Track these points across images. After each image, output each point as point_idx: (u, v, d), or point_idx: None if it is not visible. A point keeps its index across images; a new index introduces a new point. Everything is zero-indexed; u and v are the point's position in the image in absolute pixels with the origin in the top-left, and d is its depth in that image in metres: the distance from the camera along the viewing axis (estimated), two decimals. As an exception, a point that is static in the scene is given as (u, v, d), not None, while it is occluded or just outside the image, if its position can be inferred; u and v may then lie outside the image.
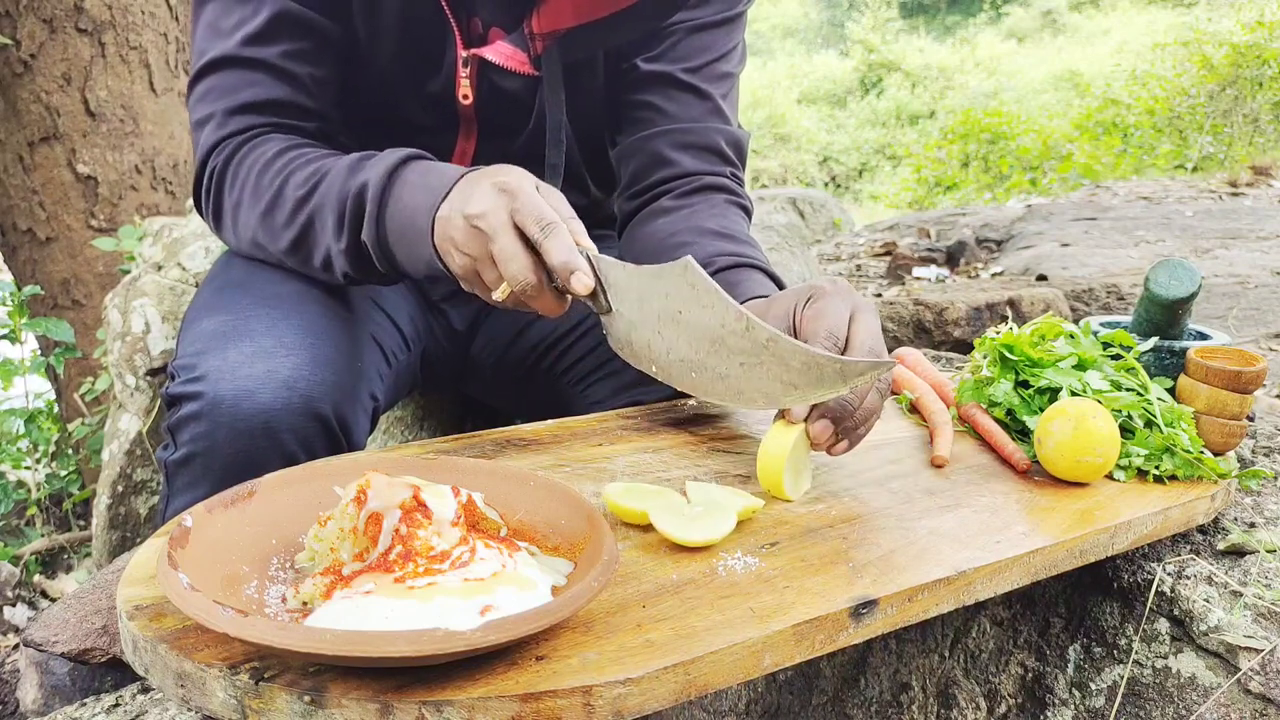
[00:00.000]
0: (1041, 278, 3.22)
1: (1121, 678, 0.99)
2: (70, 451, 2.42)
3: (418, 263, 0.96)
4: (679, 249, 1.13)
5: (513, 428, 1.02)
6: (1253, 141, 9.00)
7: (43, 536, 2.23)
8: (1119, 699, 0.99)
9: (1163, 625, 0.98)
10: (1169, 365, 1.10)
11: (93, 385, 2.08)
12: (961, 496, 0.90)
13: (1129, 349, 1.07)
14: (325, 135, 1.12)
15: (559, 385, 1.30)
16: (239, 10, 1.05)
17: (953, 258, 4.05)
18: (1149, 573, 1.00)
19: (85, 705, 1.09)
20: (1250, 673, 0.89)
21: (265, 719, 0.55)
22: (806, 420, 0.87)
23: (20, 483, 2.36)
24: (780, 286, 1.10)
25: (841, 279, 0.95)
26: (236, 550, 0.67)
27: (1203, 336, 1.15)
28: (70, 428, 2.24)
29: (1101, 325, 1.17)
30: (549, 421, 1.05)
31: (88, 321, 2.47)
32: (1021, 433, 1.05)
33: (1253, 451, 1.23)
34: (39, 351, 2.48)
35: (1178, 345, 1.10)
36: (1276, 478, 1.15)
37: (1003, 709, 1.07)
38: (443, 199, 0.91)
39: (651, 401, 1.15)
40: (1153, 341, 1.09)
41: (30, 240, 2.48)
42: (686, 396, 1.15)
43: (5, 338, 2.15)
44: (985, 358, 1.12)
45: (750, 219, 1.25)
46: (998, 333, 1.12)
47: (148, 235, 2.01)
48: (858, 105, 18.62)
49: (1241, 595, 0.94)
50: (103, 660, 1.21)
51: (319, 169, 1.01)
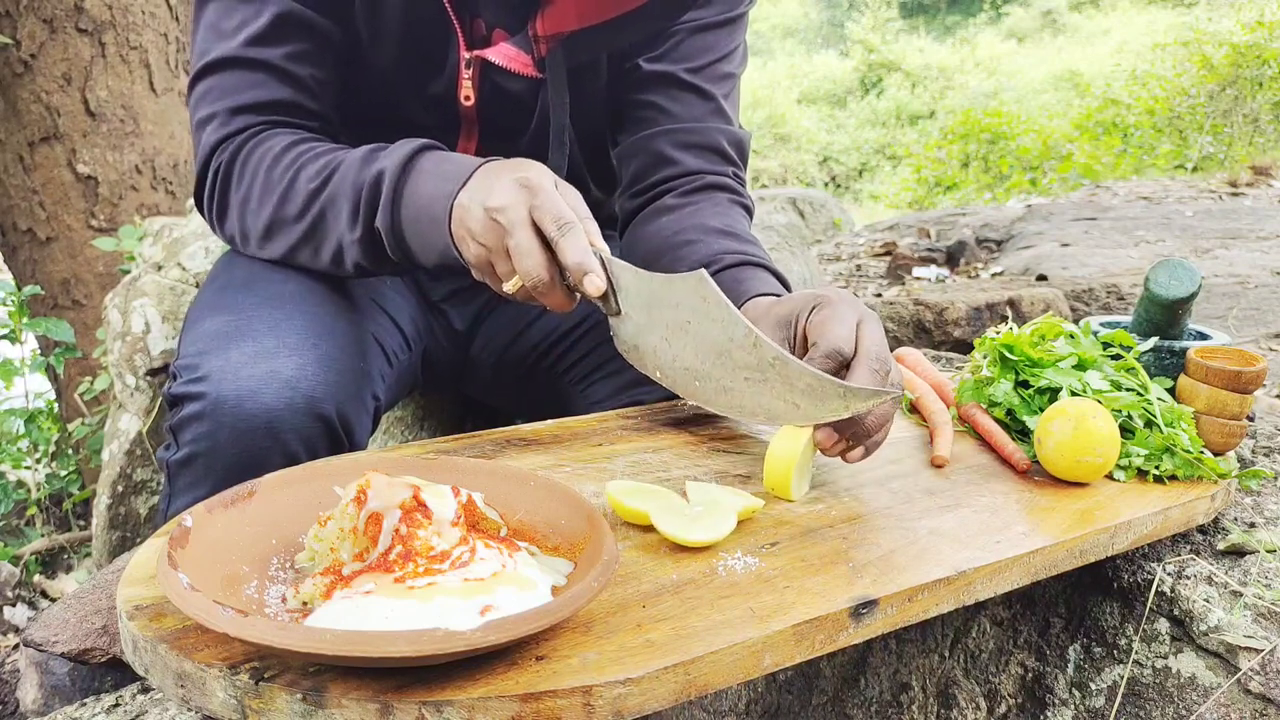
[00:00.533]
0: (1041, 278, 3.22)
1: (1121, 678, 0.99)
2: (70, 451, 2.42)
3: (431, 251, 0.96)
4: (683, 247, 1.13)
5: (513, 428, 1.02)
6: (1253, 141, 9.00)
7: (43, 536, 2.23)
8: (1119, 699, 0.99)
9: (1163, 625, 0.98)
10: (1169, 365, 1.10)
11: (91, 385, 2.08)
12: (961, 496, 0.90)
13: (1129, 349, 1.07)
14: (328, 135, 1.12)
15: (559, 385, 1.30)
16: (241, 11, 1.05)
17: (953, 258, 4.05)
18: (1149, 573, 1.00)
19: (85, 705, 1.09)
20: (1250, 673, 0.89)
21: (265, 719, 0.55)
22: (817, 427, 0.86)
23: (20, 483, 2.36)
24: (785, 284, 1.10)
25: (845, 290, 0.95)
26: (236, 550, 0.67)
27: (1203, 336, 1.15)
28: (70, 428, 2.24)
29: (1101, 325, 1.17)
30: (549, 421, 1.05)
31: (88, 321, 2.47)
32: (1021, 433, 1.05)
33: (1253, 451, 1.23)
34: (39, 351, 2.48)
35: (1178, 345, 1.10)
36: (1276, 478, 1.15)
37: (1003, 709, 1.07)
38: (461, 187, 0.92)
39: (652, 401, 1.15)
40: (1153, 341, 1.09)
41: (30, 240, 2.48)
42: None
43: (5, 338, 2.15)
44: (985, 358, 1.12)
45: (752, 218, 1.25)
46: (998, 333, 1.12)
47: (148, 235, 2.01)
48: (858, 105, 18.62)
49: (1241, 595, 0.94)
50: (103, 660, 1.21)
51: (331, 161, 1.01)
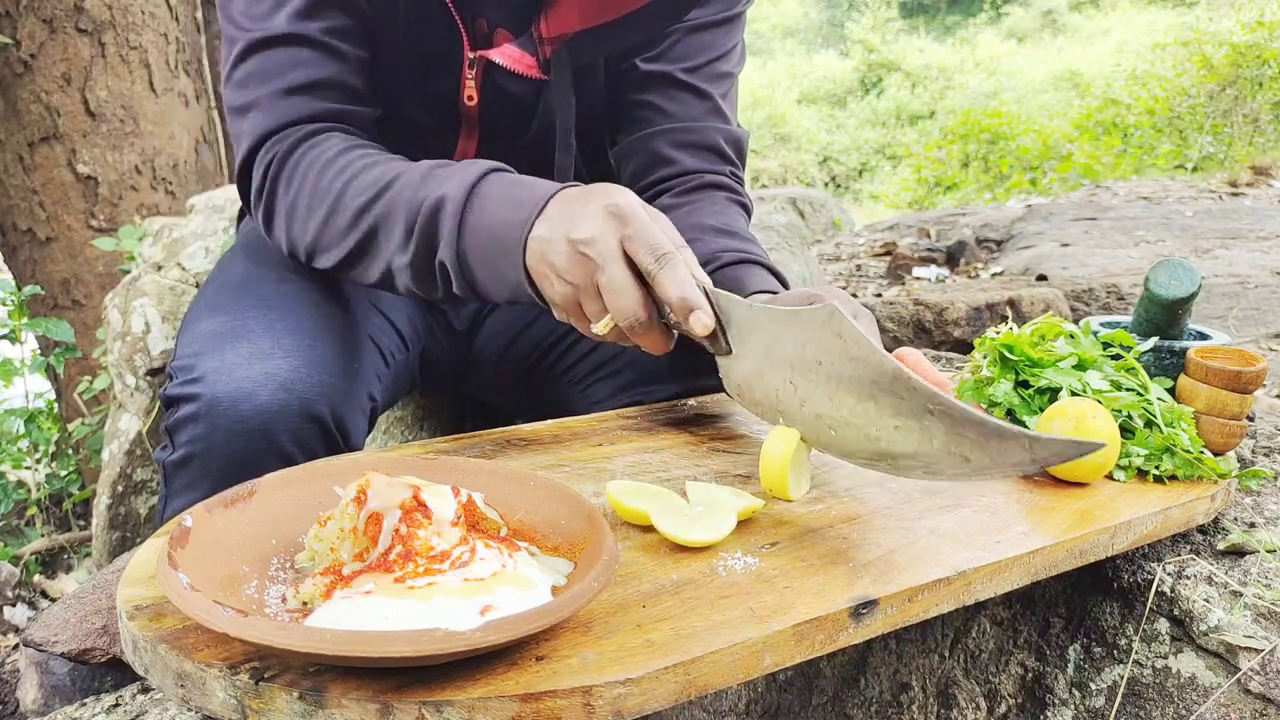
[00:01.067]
0: (1041, 278, 3.22)
1: (1121, 678, 0.99)
2: (70, 451, 2.42)
3: (502, 286, 0.89)
4: None
5: (513, 428, 1.02)
6: (1253, 141, 9.01)
7: (43, 536, 2.23)
8: (1119, 699, 0.99)
9: (1163, 625, 0.98)
10: (1169, 365, 1.10)
11: (91, 385, 2.08)
12: (961, 496, 0.90)
13: (1129, 349, 1.07)
14: (374, 122, 1.09)
15: (559, 385, 1.30)
16: None
17: (953, 258, 4.05)
18: (1149, 573, 1.00)
19: (85, 705, 1.09)
20: (1250, 673, 0.89)
21: (265, 719, 0.55)
22: None
23: (20, 483, 2.36)
24: (783, 282, 1.10)
25: (837, 287, 0.94)
26: (236, 550, 0.67)
27: (1203, 336, 1.15)
28: (70, 428, 2.24)
29: (1101, 325, 1.17)
30: (549, 421, 1.05)
31: (88, 321, 2.47)
32: (1021, 433, 1.05)
33: (1253, 451, 1.23)
34: (39, 351, 2.48)
35: (1178, 345, 1.10)
36: (1276, 478, 1.15)
37: (1003, 709, 1.07)
38: (537, 215, 0.84)
39: (651, 401, 1.15)
40: (1153, 341, 1.09)
41: (30, 240, 2.48)
42: (687, 396, 1.15)
43: (5, 338, 2.15)
44: (985, 358, 1.12)
45: (750, 218, 1.25)
46: (998, 333, 1.12)
47: (148, 235, 2.02)
48: (858, 105, 18.62)
49: (1241, 595, 0.94)
50: (103, 660, 1.21)
51: (385, 174, 0.95)
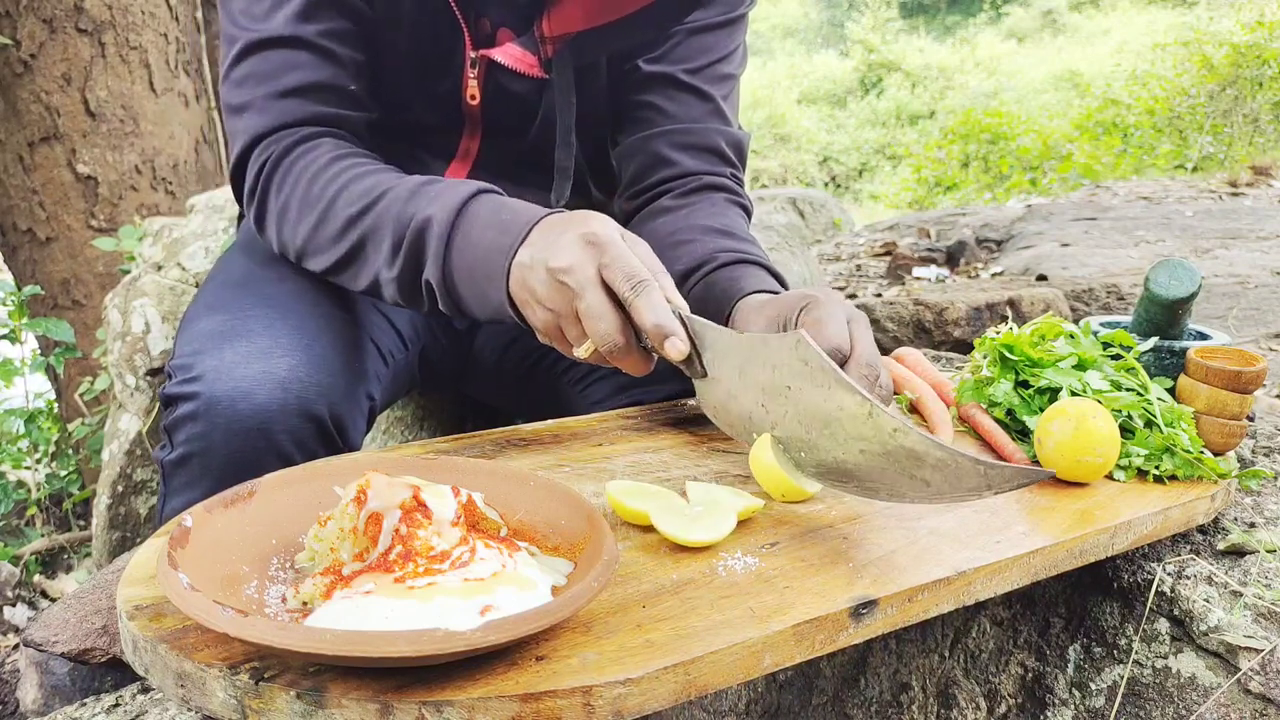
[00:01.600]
0: (1041, 278, 3.22)
1: (1121, 678, 0.99)
2: (70, 451, 2.42)
3: (486, 307, 0.91)
4: (679, 246, 1.13)
5: (513, 428, 1.02)
6: (1253, 141, 9.00)
7: (43, 536, 2.23)
8: (1119, 699, 0.99)
9: (1163, 625, 0.98)
10: (1169, 365, 1.10)
11: (91, 385, 2.08)
12: (961, 496, 0.90)
13: (1129, 349, 1.07)
14: (368, 126, 1.10)
15: (559, 385, 1.30)
16: None
17: (953, 258, 4.05)
18: (1149, 573, 1.00)
19: (85, 705, 1.09)
20: (1250, 673, 0.89)
21: (265, 719, 0.55)
22: None
23: (20, 483, 2.36)
24: (781, 282, 1.10)
25: (833, 289, 0.94)
26: (236, 550, 0.67)
27: (1203, 336, 1.15)
28: (70, 428, 2.24)
29: (1101, 325, 1.17)
30: (549, 421, 1.05)
31: (88, 321, 2.47)
32: (1021, 433, 1.05)
33: (1253, 451, 1.23)
34: (39, 351, 2.48)
35: (1178, 345, 1.10)
36: (1276, 478, 1.15)
37: (1003, 709, 1.07)
38: (520, 242, 0.86)
39: (651, 401, 1.15)
40: (1153, 341, 1.09)
41: (30, 240, 2.48)
42: (687, 396, 1.15)
43: (5, 338, 2.15)
44: (985, 358, 1.12)
45: (750, 219, 1.25)
46: (998, 333, 1.12)
47: (148, 235, 2.02)
48: (858, 105, 18.62)
49: (1241, 595, 0.94)
50: (103, 660, 1.21)
51: (374, 186, 0.97)
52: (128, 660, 0.61)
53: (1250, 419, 1.08)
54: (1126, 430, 0.99)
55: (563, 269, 0.82)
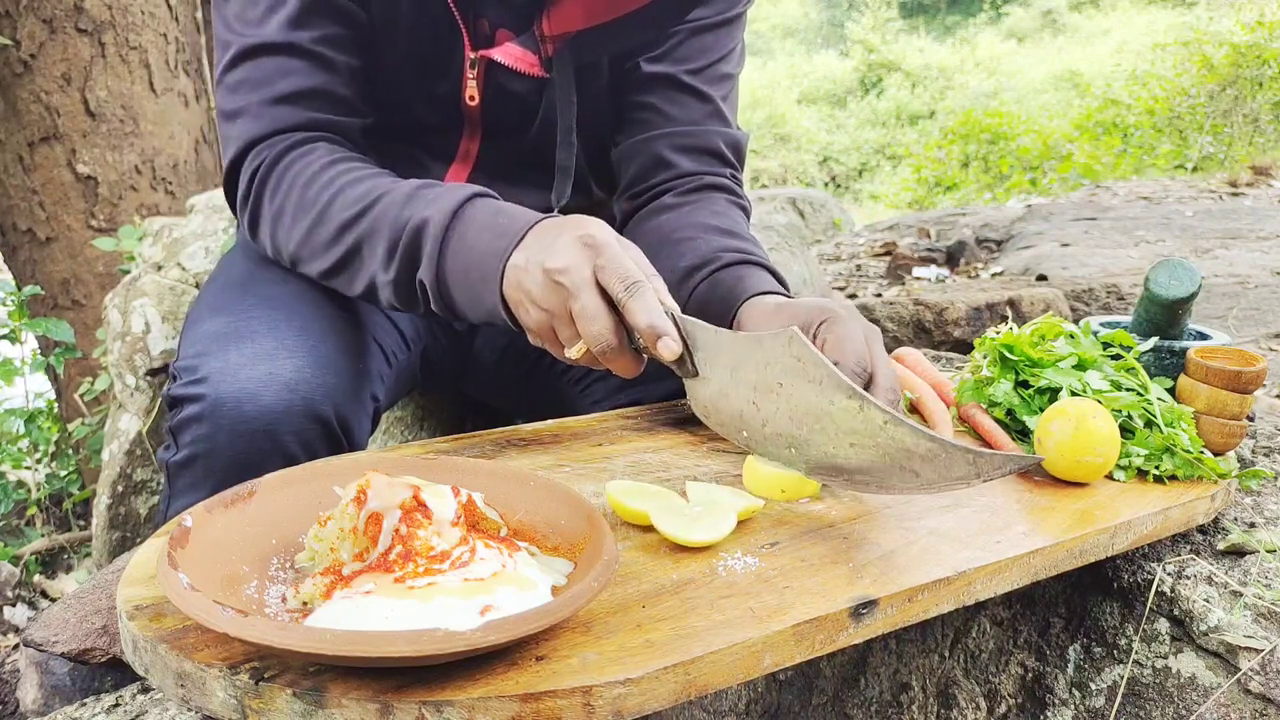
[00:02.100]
0: (1041, 278, 3.22)
1: (1121, 678, 0.99)
2: (70, 451, 2.42)
3: (478, 309, 0.92)
4: (681, 244, 1.13)
5: (513, 428, 1.02)
6: (1253, 141, 9.00)
7: (43, 536, 2.23)
8: (1119, 699, 0.99)
9: (1163, 625, 0.98)
10: (1169, 365, 1.10)
11: (92, 385, 2.08)
12: (961, 496, 0.90)
13: (1129, 349, 1.07)
14: (362, 131, 1.10)
15: (559, 385, 1.30)
16: None
17: (953, 258, 4.05)
18: (1149, 573, 1.00)
19: (85, 705, 1.08)
20: (1250, 673, 0.89)
21: (265, 719, 0.55)
22: None
23: (20, 483, 2.36)
24: (783, 283, 1.10)
25: (847, 301, 0.94)
26: (236, 550, 0.67)
27: (1203, 336, 1.15)
28: (70, 428, 2.24)
29: (1101, 325, 1.17)
30: (549, 421, 1.05)
31: (88, 321, 2.47)
32: (1021, 433, 1.05)
33: (1253, 451, 1.23)
34: (39, 351, 2.48)
35: (1178, 345, 1.10)
36: (1276, 478, 1.15)
37: (1003, 709, 1.07)
38: (515, 245, 0.87)
39: (651, 400, 1.15)
40: (1153, 341, 1.09)
41: (30, 240, 2.48)
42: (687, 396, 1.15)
43: (5, 338, 2.15)
44: (985, 358, 1.12)
45: (749, 219, 1.25)
46: (998, 333, 1.12)
47: (148, 235, 2.02)
48: (858, 105, 18.62)
49: (1241, 595, 0.94)
50: (103, 660, 1.21)
51: (370, 191, 0.97)
52: (128, 660, 0.61)
53: (1250, 419, 1.08)
54: (1126, 430, 0.99)
55: (559, 269, 0.83)
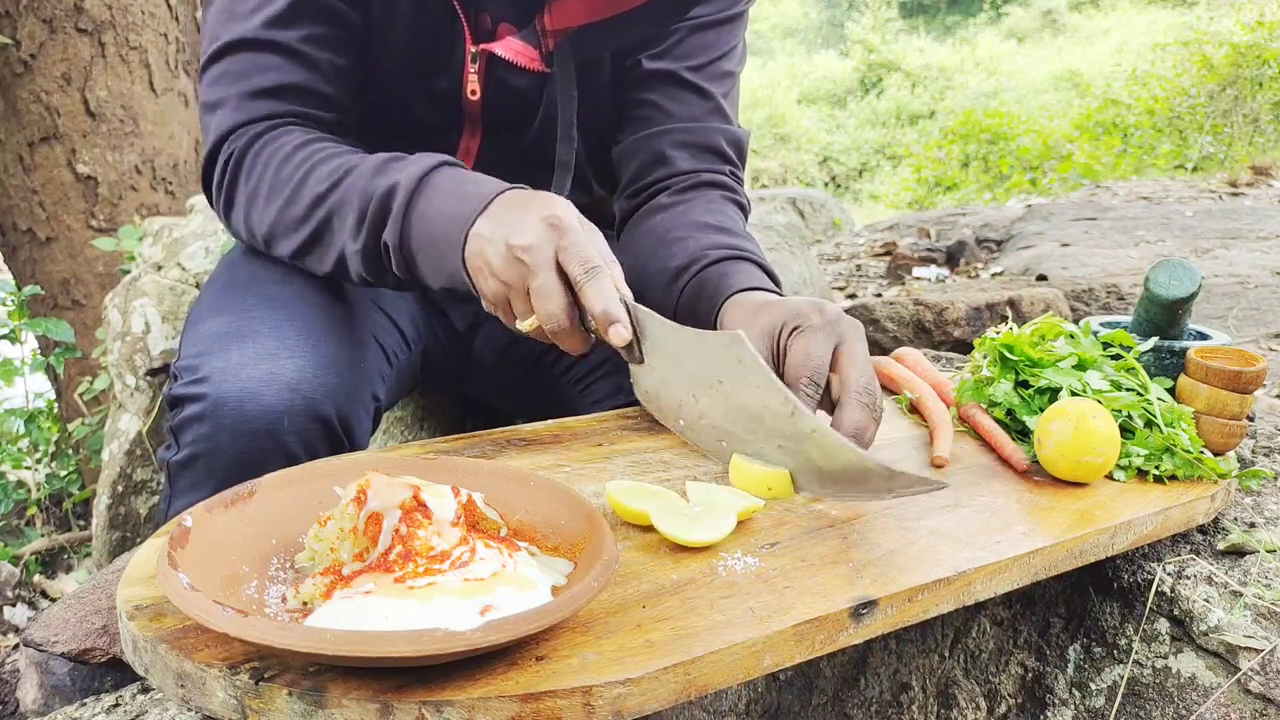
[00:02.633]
0: (1041, 278, 3.22)
1: (1121, 678, 0.99)
2: (70, 451, 2.42)
3: (439, 274, 0.93)
4: (674, 244, 1.13)
5: (513, 428, 1.02)
6: (1253, 141, 9.00)
7: (43, 536, 2.22)
8: (1119, 699, 0.99)
9: (1163, 625, 0.98)
10: (1169, 365, 1.10)
11: (91, 385, 2.08)
12: (961, 496, 0.90)
13: (1129, 349, 1.07)
14: (342, 127, 1.10)
15: (559, 385, 1.30)
16: None
17: (953, 258, 4.05)
18: (1149, 573, 1.00)
19: (85, 705, 1.08)
20: (1250, 673, 0.89)
21: (265, 719, 0.55)
22: None
23: (20, 483, 2.36)
24: (774, 278, 1.09)
25: (829, 302, 0.94)
26: (236, 550, 0.67)
27: (1203, 336, 1.15)
28: (70, 428, 2.24)
29: (1101, 325, 1.17)
30: (549, 421, 1.05)
31: (88, 321, 2.47)
32: (1021, 433, 1.05)
33: (1253, 451, 1.23)
34: (39, 351, 2.48)
35: (1178, 345, 1.10)
36: (1276, 478, 1.15)
37: (1003, 709, 1.07)
38: (480, 213, 0.89)
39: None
40: (1153, 341, 1.09)
41: (30, 240, 2.47)
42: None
43: (5, 338, 2.15)
44: (985, 358, 1.12)
45: (747, 217, 1.25)
46: (998, 333, 1.12)
47: (148, 235, 2.01)
48: (858, 105, 18.62)
49: (1241, 595, 0.94)
50: (103, 660, 1.21)
51: (342, 165, 0.98)
52: (128, 660, 0.61)
53: (1250, 419, 1.08)
54: (1126, 430, 0.99)
55: (522, 247, 0.85)
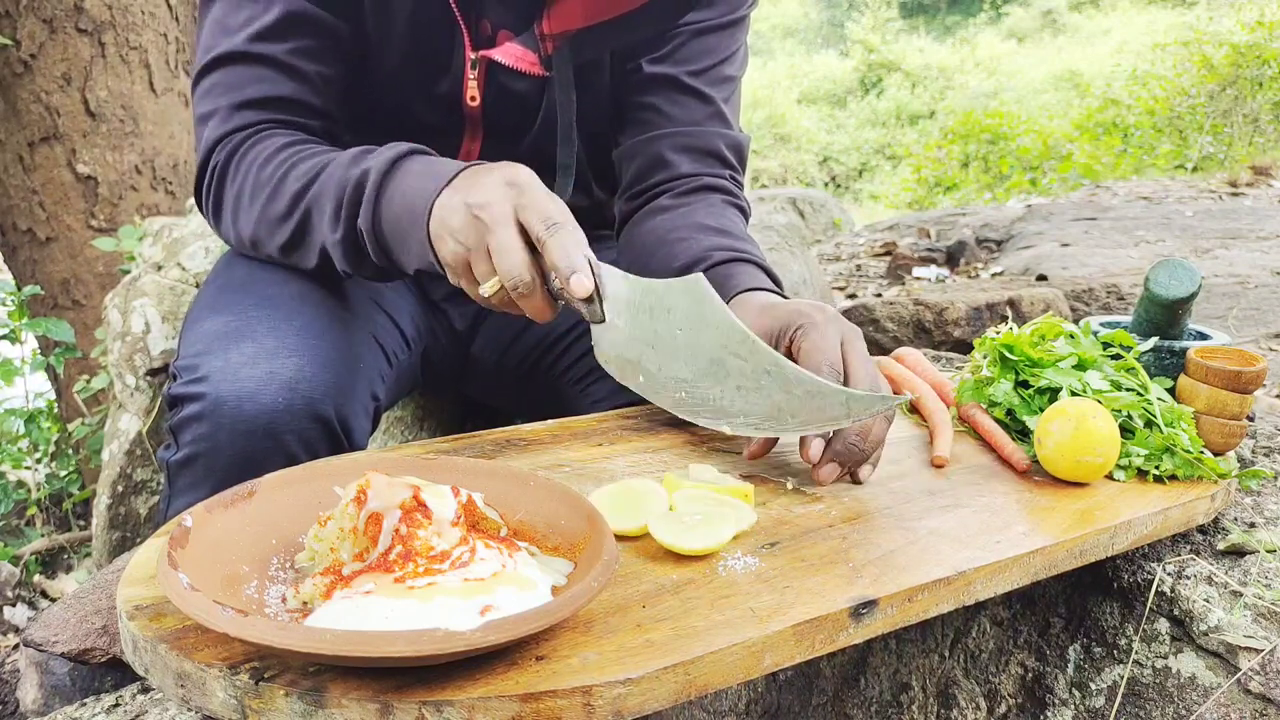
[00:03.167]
0: (1041, 278, 3.22)
1: (1121, 678, 0.99)
2: (70, 451, 2.42)
3: (409, 253, 0.93)
4: (675, 244, 1.13)
5: (513, 428, 1.02)
6: (1253, 141, 9.00)
7: (43, 536, 2.22)
8: (1119, 699, 0.99)
9: (1163, 625, 0.98)
10: (1169, 365, 1.10)
11: (88, 384, 2.07)
12: (961, 496, 0.90)
13: (1129, 349, 1.07)
14: (330, 135, 1.11)
15: (559, 385, 1.30)
16: (249, 7, 1.04)
17: (953, 258, 4.05)
18: (1149, 573, 1.00)
19: (85, 705, 1.08)
20: (1250, 673, 0.89)
21: (265, 719, 0.55)
22: (817, 465, 0.87)
23: (20, 483, 2.36)
24: (776, 281, 1.10)
25: (827, 305, 0.94)
26: (236, 550, 0.67)
27: (1203, 336, 1.15)
28: (70, 428, 2.24)
29: (1101, 325, 1.17)
30: (549, 421, 1.05)
31: (88, 321, 2.47)
32: (1021, 433, 1.05)
33: (1253, 451, 1.23)
34: (39, 351, 2.48)
35: (1178, 345, 1.10)
36: (1276, 478, 1.15)
37: (1003, 709, 1.07)
38: (444, 186, 0.89)
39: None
40: (1153, 341, 1.09)
41: (30, 240, 2.47)
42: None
43: (5, 338, 2.15)
44: (985, 358, 1.12)
45: (747, 221, 1.25)
46: (998, 333, 1.12)
47: (148, 235, 2.01)
48: (858, 105, 18.61)
49: (1241, 595, 0.94)
50: (103, 660, 1.21)
51: (320, 162, 0.99)
52: (128, 660, 0.61)
53: (1250, 419, 1.08)
54: (1126, 430, 0.99)
55: (479, 204, 0.84)
